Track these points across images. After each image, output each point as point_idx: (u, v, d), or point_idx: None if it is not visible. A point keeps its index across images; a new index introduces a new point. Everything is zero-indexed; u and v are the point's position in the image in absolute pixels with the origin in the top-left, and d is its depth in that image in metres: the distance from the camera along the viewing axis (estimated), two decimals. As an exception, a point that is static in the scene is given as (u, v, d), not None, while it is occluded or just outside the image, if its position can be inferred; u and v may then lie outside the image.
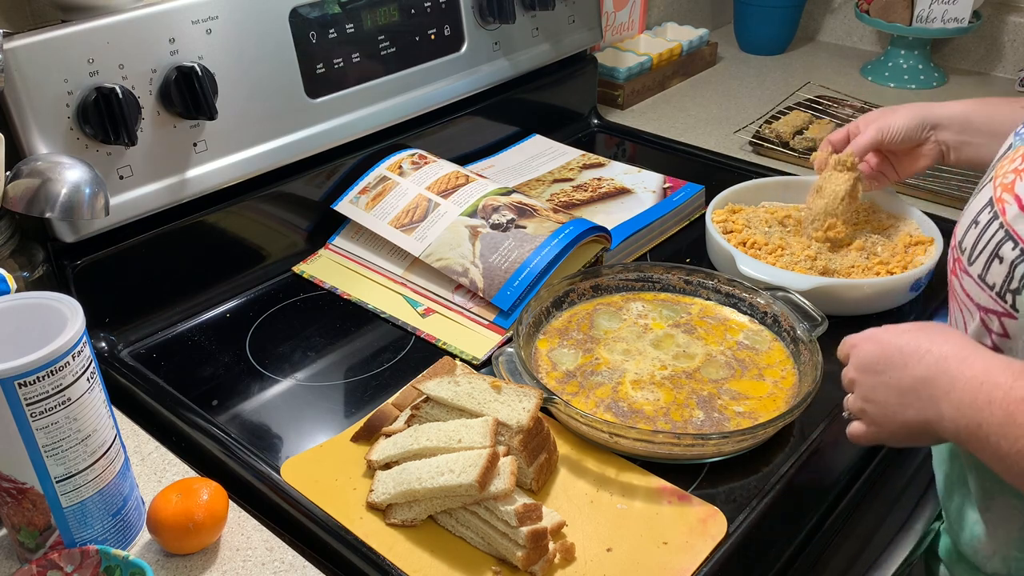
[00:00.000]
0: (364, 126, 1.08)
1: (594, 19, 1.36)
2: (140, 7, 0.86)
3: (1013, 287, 0.63)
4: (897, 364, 0.65)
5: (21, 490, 0.64)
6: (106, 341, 0.92)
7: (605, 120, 1.44)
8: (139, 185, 0.89)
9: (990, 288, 0.65)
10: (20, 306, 0.66)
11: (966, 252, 0.69)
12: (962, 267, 0.69)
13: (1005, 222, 0.64)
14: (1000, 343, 0.66)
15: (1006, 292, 0.64)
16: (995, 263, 0.64)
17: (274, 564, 0.69)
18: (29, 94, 0.80)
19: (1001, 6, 1.61)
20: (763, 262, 0.97)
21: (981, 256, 0.66)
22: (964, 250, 0.69)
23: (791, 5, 1.72)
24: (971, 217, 0.69)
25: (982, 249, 0.66)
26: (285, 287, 1.03)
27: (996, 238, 0.65)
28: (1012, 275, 0.63)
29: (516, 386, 0.75)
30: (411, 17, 1.10)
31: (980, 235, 0.67)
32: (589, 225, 0.98)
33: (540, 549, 0.66)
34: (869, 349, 0.69)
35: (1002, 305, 0.64)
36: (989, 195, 0.67)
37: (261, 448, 0.79)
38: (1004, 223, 0.64)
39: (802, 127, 1.36)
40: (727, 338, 0.89)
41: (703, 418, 0.79)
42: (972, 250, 0.67)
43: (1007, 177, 0.66)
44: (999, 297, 0.64)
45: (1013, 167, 0.66)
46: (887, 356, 0.67)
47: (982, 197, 0.69)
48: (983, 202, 0.68)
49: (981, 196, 0.69)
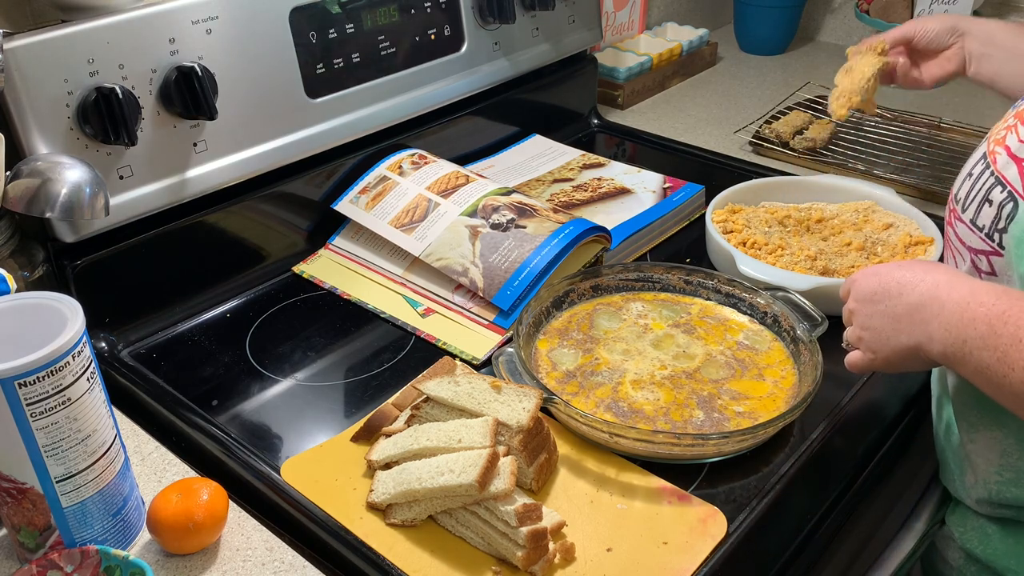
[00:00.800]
0: (364, 126, 1.08)
1: (594, 19, 1.36)
2: (140, 7, 0.86)
3: (1000, 226, 0.69)
4: (893, 293, 0.70)
5: (21, 490, 0.64)
6: (106, 341, 0.92)
7: (605, 120, 1.44)
8: (139, 185, 0.89)
9: (980, 230, 0.72)
10: (20, 306, 0.66)
11: (960, 201, 0.75)
12: (956, 215, 0.76)
13: (996, 170, 0.71)
14: (988, 280, 0.71)
15: (994, 231, 0.70)
16: (985, 207, 0.71)
17: (274, 564, 0.69)
18: (29, 94, 0.80)
19: (1001, 6, 1.61)
20: (763, 262, 0.97)
21: (973, 202, 0.73)
22: (959, 200, 0.75)
23: (791, 5, 1.72)
24: (967, 171, 0.76)
25: (974, 196, 0.73)
26: (285, 287, 1.03)
27: (987, 184, 0.71)
28: (999, 215, 0.69)
29: (516, 386, 0.75)
30: (411, 17, 1.10)
31: (973, 184, 0.73)
32: (589, 225, 0.98)
33: (540, 549, 0.66)
34: (869, 282, 0.73)
35: (990, 244, 0.71)
36: (983, 151, 0.74)
37: (261, 448, 0.79)
38: (995, 171, 0.71)
39: (802, 127, 1.36)
40: (727, 338, 0.89)
41: (703, 418, 0.79)
42: (966, 199, 0.74)
43: (999, 133, 0.73)
44: (987, 237, 0.71)
45: (1006, 125, 0.73)
46: (885, 287, 0.71)
47: (977, 153, 0.75)
48: (977, 157, 0.75)
49: (976, 153, 0.76)
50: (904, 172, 1.25)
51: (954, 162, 1.27)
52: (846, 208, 1.09)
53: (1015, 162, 0.69)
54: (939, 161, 1.27)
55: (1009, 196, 0.69)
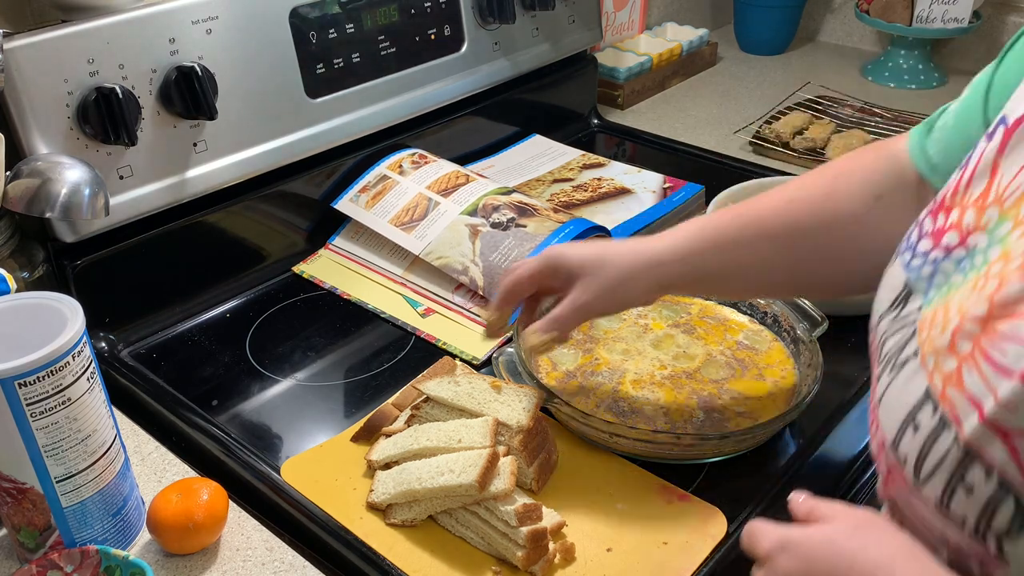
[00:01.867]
0: (364, 126, 1.08)
1: (594, 19, 1.36)
2: (140, 7, 0.86)
3: (998, 526, 0.45)
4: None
5: (21, 490, 0.64)
6: (106, 341, 0.92)
7: (605, 120, 1.44)
8: (139, 185, 0.89)
9: (960, 523, 0.47)
10: (20, 306, 0.66)
11: (908, 464, 0.49)
12: (904, 482, 0.50)
13: (962, 437, 0.45)
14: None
15: (986, 532, 0.46)
16: (960, 492, 0.46)
17: (274, 564, 0.69)
18: (29, 94, 0.80)
19: (1001, 6, 1.61)
20: None
21: (936, 477, 0.47)
22: (904, 460, 0.50)
23: (791, 5, 1.72)
24: (904, 411, 0.50)
25: (935, 466, 0.47)
26: (285, 287, 1.03)
27: (953, 456, 0.46)
28: (992, 512, 0.45)
29: (516, 386, 0.75)
30: (411, 17, 1.10)
31: (926, 446, 0.48)
32: (589, 225, 0.98)
33: (540, 549, 0.66)
34: (790, 568, 0.51)
35: (982, 547, 0.47)
36: (924, 384, 0.48)
37: (261, 448, 0.79)
38: (960, 439, 0.45)
39: (802, 127, 1.36)
40: (727, 338, 0.89)
41: (703, 418, 0.79)
42: (918, 465, 0.49)
43: (944, 360, 0.47)
44: (977, 537, 0.47)
45: (945, 341, 0.47)
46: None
47: (912, 382, 0.50)
48: (916, 393, 0.49)
49: (909, 378, 0.50)
50: (904, 172, 1.25)
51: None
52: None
53: (998, 434, 0.44)
54: (939, 161, 1.27)
55: (1001, 488, 0.44)
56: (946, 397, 0.47)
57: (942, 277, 0.51)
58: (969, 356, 0.46)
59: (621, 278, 0.73)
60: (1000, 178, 0.50)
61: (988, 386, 0.44)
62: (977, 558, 0.48)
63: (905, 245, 0.56)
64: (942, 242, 0.52)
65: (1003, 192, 0.49)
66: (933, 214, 0.54)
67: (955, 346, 0.47)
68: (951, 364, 0.47)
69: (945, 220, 0.53)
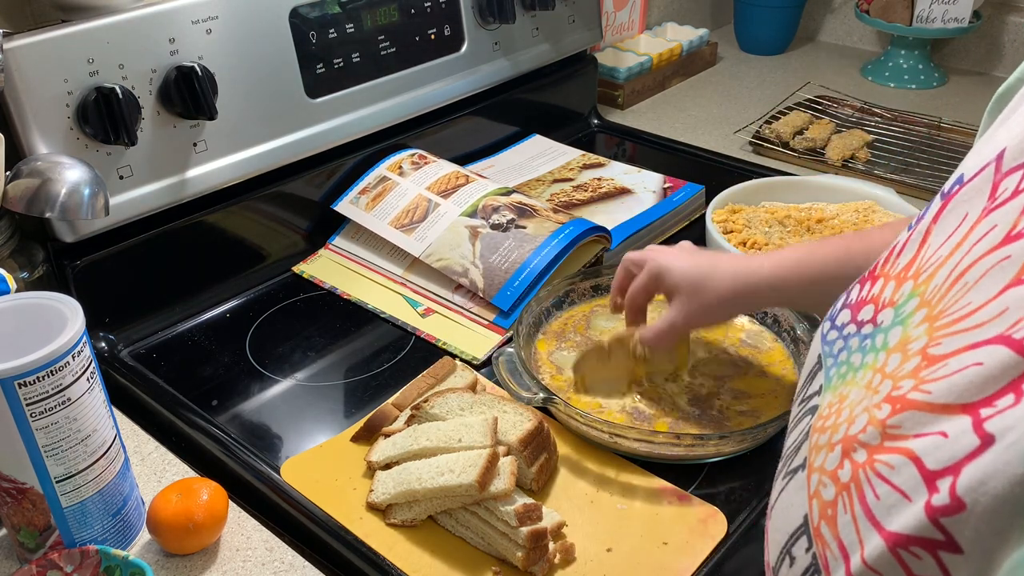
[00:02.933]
0: (364, 126, 1.08)
1: (594, 19, 1.36)
2: (140, 7, 0.86)
3: None
4: None
5: (21, 490, 0.64)
6: (106, 341, 0.92)
7: (605, 120, 1.44)
8: (139, 185, 0.89)
9: None
10: (20, 306, 0.66)
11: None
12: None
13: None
14: None
15: None
16: None
17: (274, 564, 0.69)
18: (29, 94, 0.80)
19: (1001, 6, 1.61)
20: None
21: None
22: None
23: (791, 5, 1.72)
24: (783, 539, 0.44)
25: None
26: (285, 287, 1.03)
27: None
28: None
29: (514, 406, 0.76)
30: (411, 17, 1.10)
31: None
32: (589, 225, 0.98)
33: (540, 549, 0.66)
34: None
35: None
36: (803, 509, 0.42)
37: (261, 448, 0.79)
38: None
39: (802, 127, 1.36)
40: (728, 336, 0.89)
41: (700, 414, 0.79)
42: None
43: (825, 485, 0.40)
44: None
45: (832, 464, 0.40)
46: None
47: (794, 502, 0.43)
48: (796, 518, 0.43)
49: (793, 493, 0.44)
50: (904, 172, 1.25)
51: (954, 162, 1.27)
52: (846, 208, 1.09)
53: None
54: (939, 161, 1.28)
55: None
56: (820, 535, 0.40)
57: (844, 356, 0.45)
58: (846, 487, 0.38)
59: (718, 303, 0.76)
60: (927, 248, 0.42)
61: (858, 536, 0.37)
62: None
63: (828, 314, 0.49)
64: (858, 316, 0.46)
65: (924, 263, 0.42)
66: (861, 282, 0.48)
67: (836, 470, 0.39)
68: (829, 493, 0.40)
69: (869, 290, 0.46)
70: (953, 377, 0.35)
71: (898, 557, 0.34)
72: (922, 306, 0.40)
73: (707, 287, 0.76)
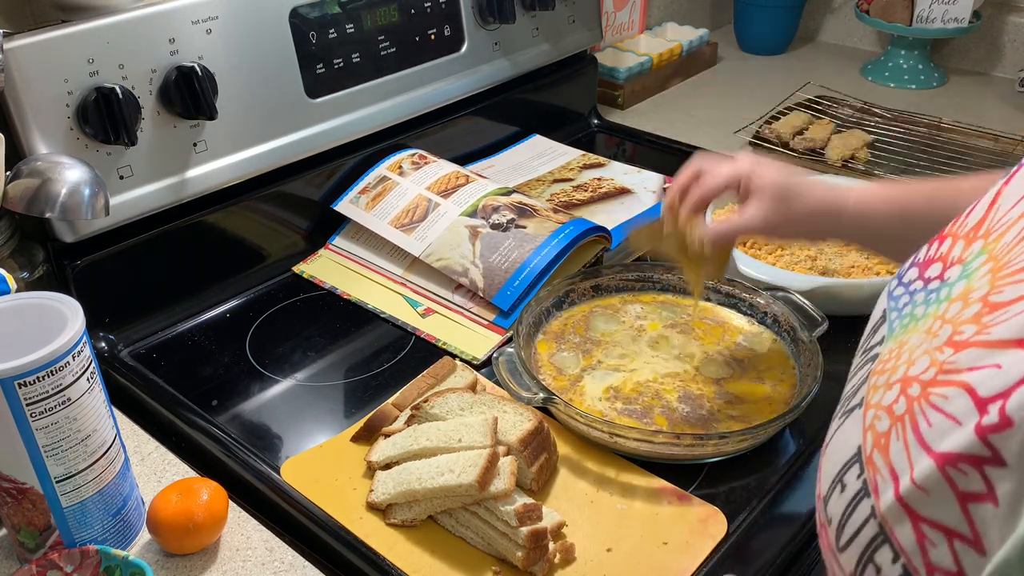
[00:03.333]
0: (364, 126, 1.08)
1: (594, 19, 1.36)
2: (140, 7, 0.86)
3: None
4: None
5: (21, 490, 0.64)
6: (106, 341, 0.92)
7: (605, 120, 1.44)
8: (139, 185, 0.89)
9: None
10: (20, 306, 0.66)
11: (832, 523, 0.46)
12: (829, 542, 0.47)
13: (878, 509, 0.42)
14: None
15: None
16: (870, 569, 0.42)
17: (274, 564, 0.69)
18: (29, 94, 0.80)
19: (1001, 6, 1.61)
20: (763, 262, 0.97)
21: (852, 548, 0.44)
22: (830, 519, 0.46)
23: (791, 5, 1.72)
24: (835, 469, 0.47)
25: (852, 536, 0.44)
26: (285, 287, 1.03)
27: (868, 531, 0.42)
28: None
29: (514, 406, 0.76)
30: (411, 17, 1.10)
31: (848, 510, 0.44)
32: (589, 225, 0.98)
33: (540, 549, 0.66)
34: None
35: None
36: (857, 441, 0.45)
37: (261, 448, 0.79)
38: (877, 511, 0.42)
39: (802, 127, 1.36)
40: (725, 339, 0.89)
41: (689, 412, 0.79)
42: (840, 529, 0.45)
43: (880, 418, 0.43)
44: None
45: (889, 400, 0.43)
46: None
47: (849, 435, 0.47)
48: (850, 448, 0.46)
49: (848, 430, 0.47)
50: (904, 172, 1.25)
51: (954, 162, 1.27)
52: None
53: (908, 516, 0.40)
54: (939, 161, 1.27)
55: (906, 574, 0.40)
56: (872, 462, 0.43)
57: (908, 310, 0.48)
58: (900, 419, 0.42)
59: (804, 215, 0.75)
60: (997, 208, 0.46)
61: (909, 459, 0.40)
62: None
63: (896, 273, 0.53)
64: (926, 273, 0.49)
65: (994, 223, 0.45)
66: (930, 243, 0.51)
67: (891, 405, 0.43)
68: (883, 425, 0.43)
69: (937, 249, 0.49)
70: (1012, 320, 0.38)
71: (946, 475, 0.37)
72: (988, 261, 0.43)
73: (796, 196, 0.75)
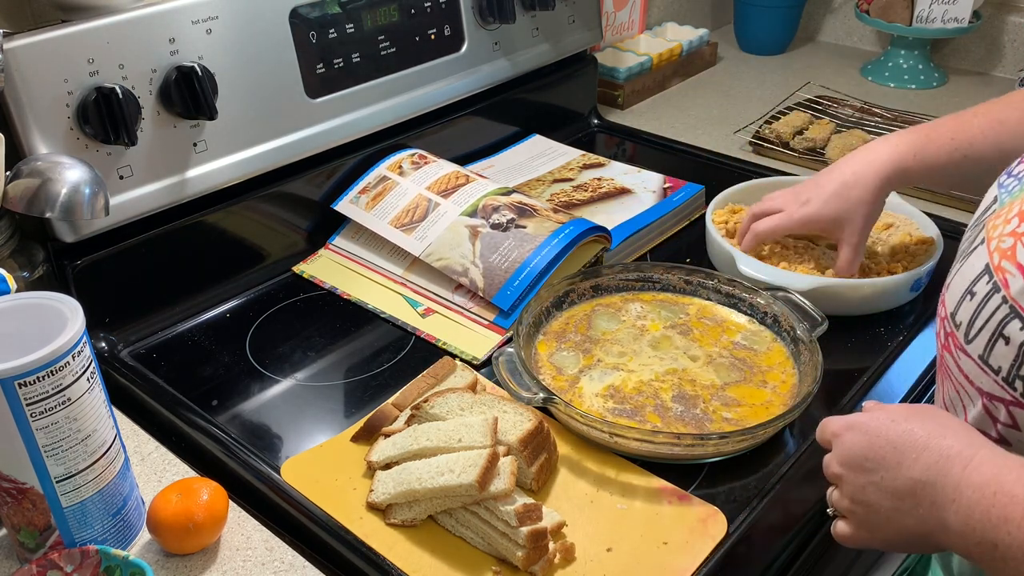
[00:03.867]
0: (364, 126, 1.08)
1: (594, 19, 1.36)
2: (140, 7, 0.86)
3: (1023, 372, 0.55)
4: (890, 463, 0.57)
5: (21, 490, 0.64)
6: (106, 341, 0.92)
7: (605, 120, 1.44)
8: (139, 185, 0.89)
9: (995, 372, 0.57)
10: (20, 306, 0.66)
11: (962, 327, 0.59)
12: (957, 344, 0.60)
13: (1009, 296, 0.55)
14: (1007, 434, 0.58)
15: (1015, 378, 0.55)
16: (999, 344, 0.56)
17: (274, 564, 0.69)
18: (29, 94, 0.80)
19: (1001, 6, 1.61)
20: (763, 262, 0.97)
21: (982, 334, 0.57)
22: (959, 324, 0.60)
23: (791, 5, 1.72)
24: (965, 286, 0.60)
25: (982, 326, 0.57)
26: (285, 287, 1.03)
27: (999, 314, 0.56)
28: (1021, 358, 0.55)
29: (514, 406, 0.75)
30: (411, 17, 1.10)
31: (978, 309, 0.58)
32: (589, 225, 0.98)
33: (540, 549, 0.66)
34: (855, 441, 0.60)
35: (1010, 392, 0.56)
36: (984, 261, 0.58)
37: (261, 448, 0.79)
38: (1008, 297, 0.55)
39: (802, 127, 1.36)
40: (723, 339, 0.89)
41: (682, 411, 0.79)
42: (969, 326, 0.59)
43: (1004, 241, 0.57)
44: (1007, 384, 0.56)
45: (1010, 229, 0.57)
46: (878, 452, 0.58)
47: (975, 262, 0.60)
48: (978, 269, 0.59)
49: (974, 260, 0.60)
50: (904, 172, 1.25)
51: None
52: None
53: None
54: (939, 161, 1.27)
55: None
56: (1000, 268, 0.56)
57: (1018, 189, 0.59)
58: (1022, 235, 0.55)
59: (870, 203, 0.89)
60: None
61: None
62: (1005, 404, 0.57)
63: (1007, 170, 0.63)
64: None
65: None
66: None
67: (1015, 230, 0.56)
68: (1008, 242, 0.56)
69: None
70: None
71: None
72: None
73: (852, 219, 0.89)
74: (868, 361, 0.89)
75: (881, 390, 0.86)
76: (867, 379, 0.87)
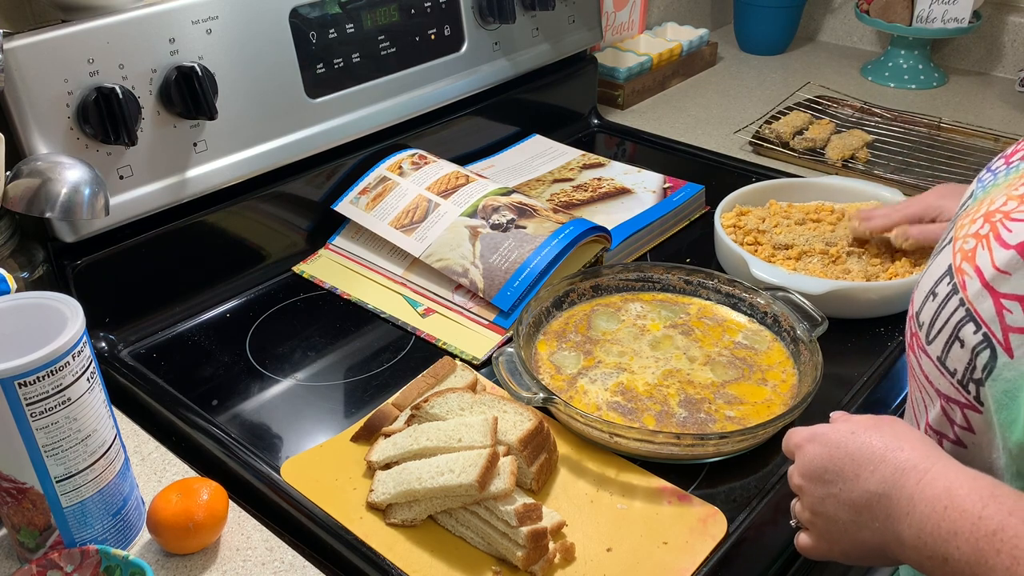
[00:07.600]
0: (364, 126, 1.08)
1: (594, 19, 1.36)
2: (140, 7, 0.86)
3: (976, 376, 0.54)
4: (848, 475, 0.57)
5: (21, 490, 0.64)
6: (106, 341, 0.92)
7: (605, 120, 1.44)
8: (139, 185, 0.89)
9: (951, 375, 0.57)
10: (20, 306, 0.66)
11: (924, 328, 0.59)
12: (920, 344, 0.60)
13: (966, 298, 0.55)
14: (963, 436, 0.58)
15: (968, 381, 0.55)
16: (955, 346, 0.56)
17: (274, 564, 0.69)
18: (29, 94, 0.80)
19: (1001, 6, 1.61)
20: (777, 266, 0.96)
21: (940, 336, 0.57)
22: (922, 325, 0.60)
23: (791, 5, 1.72)
24: (929, 286, 0.60)
25: (941, 327, 0.57)
26: (285, 287, 1.03)
27: (956, 316, 0.56)
28: (974, 363, 0.54)
29: (514, 406, 0.75)
30: (411, 17, 1.10)
31: (938, 310, 0.58)
32: (589, 225, 0.98)
33: (540, 549, 0.66)
34: (816, 453, 0.60)
35: (964, 395, 0.56)
36: (949, 261, 0.58)
37: (261, 448, 0.79)
38: (964, 299, 0.55)
39: (802, 127, 1.36)
40: (724, 338, 0.89)
41: (685, 414, 0.79)
42: (930, 327, 0.58)
43: (967, 242, 0.57)
44: (961, 386, 0.56)
45: (974, 229, 0.57)
46: (836, 464, 0.58)
47: (942, 262, 0.59)
48: (943, 269, 0.59)
49: (941, 260, 0.60)
50: (904, 172, 1.25)
51: (954, 162, 1.27)
52: (852, 208, 1.09)
53: (991, 294, 0.53)
54: (939, 161, 1.27)
55: (985, 340, 0.53)
56: (960, 269, 0.56)
57: (991, 179, 0.61)
58: (984, 237, 0.55)
59: None
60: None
61: (991, 257, 0.54)
62: (960, 407, 0.57)
63: (986, 167, 0.64)
64: (1012, 159, 0.61)
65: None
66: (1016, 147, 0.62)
67: (977, 231, 0.56)
68: (970, 244, 0.56)
69: (1021, 144, 0.61)
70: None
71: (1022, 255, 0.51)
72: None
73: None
74: (868, 362, 0.89)
75: (881, 390, 0.86)
76: (867, 379, 0.87)
